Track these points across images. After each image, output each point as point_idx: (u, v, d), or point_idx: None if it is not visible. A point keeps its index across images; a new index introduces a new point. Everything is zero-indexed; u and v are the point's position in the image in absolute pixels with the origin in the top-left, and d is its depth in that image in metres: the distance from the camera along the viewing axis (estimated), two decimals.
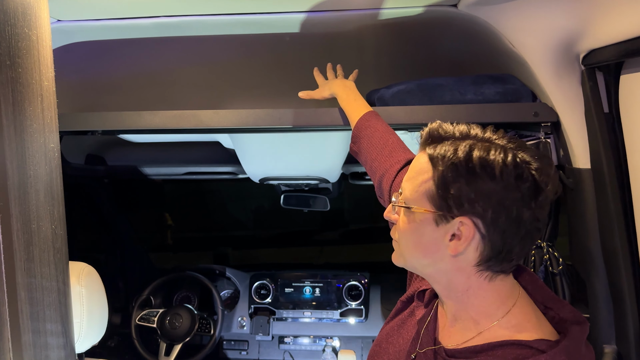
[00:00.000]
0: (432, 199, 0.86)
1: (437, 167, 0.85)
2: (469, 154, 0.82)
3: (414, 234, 0.91)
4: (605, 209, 1.35)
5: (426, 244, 0.89)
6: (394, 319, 1.19)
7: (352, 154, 1.50)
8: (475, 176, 0.81)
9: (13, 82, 0.85)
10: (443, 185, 0.84)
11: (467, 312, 0.92)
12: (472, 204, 0.81)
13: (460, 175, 0.82)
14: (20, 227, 0.84)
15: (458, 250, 0.85)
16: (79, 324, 1.36)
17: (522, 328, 0.87)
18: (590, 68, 1.34)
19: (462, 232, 0.84)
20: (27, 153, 0.89)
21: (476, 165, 0.81)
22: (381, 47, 1.78)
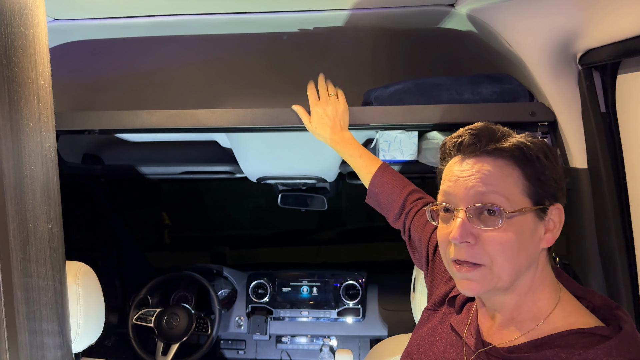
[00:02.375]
0: (530, 196, 0.86)
1: (522, 163, 0.86)
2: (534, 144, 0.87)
3: (518, 241, 0.86)
4: (602, 209, 1.36)
5: (528, 248, 0.87)
6: (421, 328, 1.15)
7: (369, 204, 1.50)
8: (550, 161, 0.86)
9: (9, 82, 0.85)
10: (535, 178, 0.86)
11: (530, 307, 0.91)
12: (556, 189, 0.86)
13: (543, 165, 0.86)
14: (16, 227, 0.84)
15: (553, 240, 0.87)
16: (76, 324, 1.36)
17: (576, 317, 0.87)
18: (587, 68, 1.34)
19: (554, 221, 0.87)
20: (24, 152, 0.88)
21: (545, 152, 0.87)
22: (378, 46, 1.78)
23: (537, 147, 0.87)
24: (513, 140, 0.89)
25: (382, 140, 1.76)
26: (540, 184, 0.86)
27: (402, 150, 1.74)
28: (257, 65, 1.90)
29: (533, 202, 0.86)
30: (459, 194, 0.90)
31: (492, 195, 0.86)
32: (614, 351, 0.79)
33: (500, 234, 0.85)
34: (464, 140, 0.92)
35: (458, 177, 0.91)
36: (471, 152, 0.91)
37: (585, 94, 1.35)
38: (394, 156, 1.75)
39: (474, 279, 0.89)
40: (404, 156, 1.75)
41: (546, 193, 0.86)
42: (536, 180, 0.86)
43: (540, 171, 0.86)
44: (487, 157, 0.89)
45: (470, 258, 0.88)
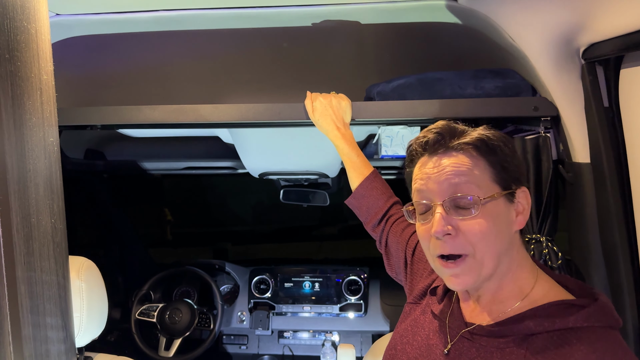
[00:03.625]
0: (498, 182, 0.92)
1: (485, 152, 0.93)
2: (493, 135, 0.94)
3: (495, 226, 0.91)
4: (605, 204, 1.35)
5: (504, 231, 0.92)
6: (404, 321, 1.19)
7: (349, 205, 1.52)
8: (509, 148, 0.93)
9: (12, 76, 0.85)
10: (500, 166, 0.92)
11: (510, 287, 0.95)
12: (518, 173, 0.93)
13: (504, 153, 0.92)
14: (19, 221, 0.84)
15: (524, 222, 0.93)
16: (79, 318, 1.37)
17: (554, 293, 0.92)
18: (590, 62, 1.34)
19: (522, 203, 0.93)
20: (27, 147, 0.89)
21: (504, 141, 0.93)
22: (381, 41, 1.77)
23: (496, 138, 0.94)
24: (474, 134, 0.95)
25: (384, 135, 1.76)
26: (504, 170, 0.92)
27: (404, 145, 1.74)
28: (259, 60, 1.90)
29: (502, 187, 0.92)
30: (432, 189, 0.95)
31: (465, 185, 0.91)
32: (592, 317, 0.85)
33: (478, 221, 0.90)
34: (429, 140, 0.97)
35: (429, 175, 0.96)
36: (437, 149, 0.96)
37: (588, 88, 1.35)
38: (396, 151, 1.75)
39: (461, 273, 0.93)
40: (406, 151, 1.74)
41: (511, 178, 0.92)
42: (500, 167, 0.92)
43: (502, 158, 0.92)
44: (452, 152, 0.95)
45: (453, 250, 0.92)
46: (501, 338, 0.91)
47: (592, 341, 0.82)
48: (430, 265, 1.21)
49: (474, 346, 0.95)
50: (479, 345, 0.94)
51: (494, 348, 0.91)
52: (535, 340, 0.87)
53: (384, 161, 2.21)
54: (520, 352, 0.88)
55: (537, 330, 0.87)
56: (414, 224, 1.34)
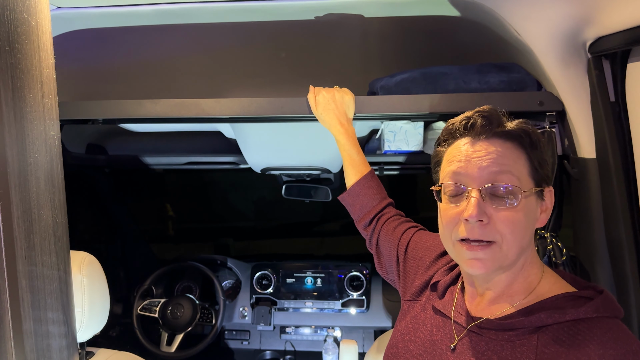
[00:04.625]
0: (534, 178, 0.92)
1: (528, 146, 0.92)
2: (533, 130, 0.93)
3: (526, 220, 0.91)
4: (610, 199, 1.34)
5: (530, 227, 0.93)
6: (404, 319, 1.18)
7: (342, 201, 1.52)
8: (545, 147, 0.93)
9: (12, 68, 0.84)
10: (537, 162, 0.92)
11: (520, 282, 0.96)
12: (550, 173, 0.93)
13: (543, 150, 0.92)
14: (20, 215, 0.83)
15: (547, 220, 0.94)
16: (81, 313, 1.36)
17: (559, 286, 0.94)
18: (596, 56, 1.32)
19: (547, 202, 0.94)
20: (27, 140, 0.88)
21: (541, 139, 0.93)
22: (385, 35, 1.76)
23: (536, 133, 0.94)
24: (518, 125, 0.94)
25: (387, 130, 1.75)
26: (540, 167, 0.92)
27: (408, 140, 1.73)
28: (261, 54, 1.89)
29: (535, 184, 0.92)
30: (472, 173, 0.92)
31: (507, 175, 0.90)
32: (601, 308, 0.86)
33: (513, 214, 0.89)
34: (476, 122, 0.94)
35: (470, 157, 0.93)
36: (482, 133, 0.94)
37: (594, 82, 1.34)
38: (399, 147, 1.74)
39: (484, 257, 0.92)
40: (409, 147, 1.73)
41: (544, 176, 0.93)
42: (538, 163, 0.92)
43: (540, 155, 0.92)
44: (497, 139, 0.93)
45: (482, 236, 0.91)
46: (511, 331, 0.91)
47: (604, 331, 0.84)
48: (426, 262, 1.21)
49: (482, 340, 0.95)
50: (488, 339, 0.94)
51: (504, 341, 0.91)
52: (546, 332, 0.88)
53: (387, 156, 2.20)
54: (532, 344, 0.88)
55: (548, 322, 0.88)
56: (405, 223, 1.35)
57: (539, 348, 0.87)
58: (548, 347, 0.86)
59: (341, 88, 1.54)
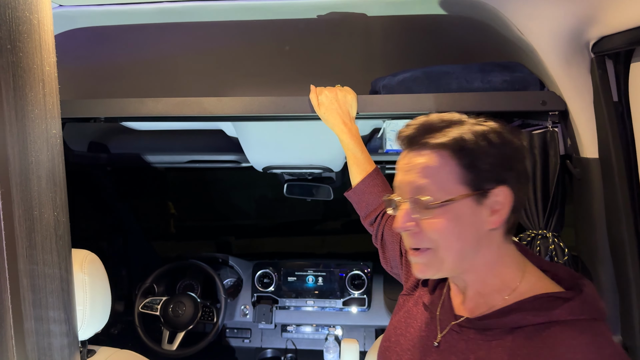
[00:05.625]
0: (467, 183, 0.89)
1: (458, 153, 0.90)
2: (476, 132, 0.90)
3: (456, 226, 0.91)
4: (613, 200, 1.34)
5: (469, 231, 0.91)
6: (398, 312, 1.20)
7: (348, 198, 1.52)
8: (493, 147, 0.88)
9: (14, 67, 0.84)
10: (472, 166, 0.89)
11: (493, 282, 0.95)
12: (499, 172, 0.89)
13: (483, 151, 0.88)
14: (22, 214, 0.83)
15: (500, 221, 0.90)
16: (82, 312, 1.36)
17: (541, 286, 0.92)
18: (600, 56, 1.32)
19: (499, 202, 0.90)
20: (29, 139, 0.88)
21: (487, 138, 0.89)
22: (387, 33, 1.76)
23: (478, 135, 0.89)
24: (453, 133, 0.91)
25: (389, 129, 1.75)
26: (478, 171, 0.89)
27: None
28: (264, 53, 1.88)
29: (471, 188, 0.89)
30: (399, 185, 0.97)
31: (427, 186, 0.91)
32: (577, 310, 0.85)
33: (436, 221, 0.91)
34: (405, 134, 0.96)
35: (400, 169, 0.97)
36: (410, 145, 0.95)
37: (597, 82, 1.33)
38: None
39: (422, 262, 0.95)
40: None
41: (486, 178, 0.89)
42: (473, 168, 0.89)
43: (477, 158, 0.89)
44: (424, 149, 0.93)
45: (416, 244, 0.95)
46: (488, 331, 0.92)
47: (577, 334, 0.83)
48: None
49: (462, 338, 0.96)
50: (467, 337, 0.95)
51: (481, 340, 0.92)
52: (521, 333, 0.88)
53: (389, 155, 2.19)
54: (506, 345, 0.88)
55: (522, 324, 0.88)
56: None
57: (512, 349, 0.87)
58: (521, 349, 0.86)
59: (343, 87, 1.54)
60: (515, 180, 0.90)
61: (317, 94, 1.51)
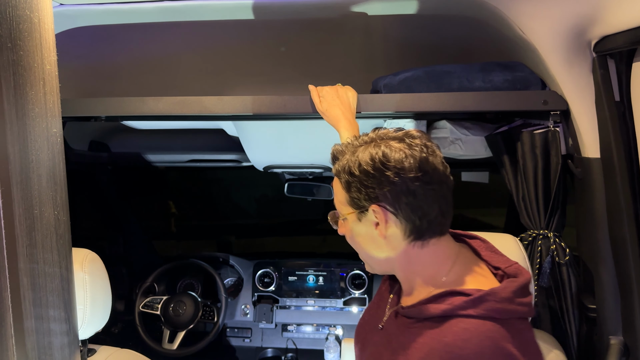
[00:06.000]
0: (350, 203, 1.05)
1: (341, 179, 1.06)
2: (350, 162, 1.03)
3: (354, 237, 1.09)
4: (615, 199, 1.33)
5: (365, 241, 1.06)
6: (376, 295, 1.29)
7: None
8: (364, 173, 0.99)
9: (14, 65, 0.83)
10: (349, 189, 1.03)
11: (417, 279, 1.05)
12: (373, 193, 0.99)
13: (354, 177, 1.01)
14: (22, 213, 0.83)
15: (384, 232, 1.01)
16: (83, 311, 1.36)
17: (462, 281, 1.00)
18: (601, 55, 1.31)
19: (378, 218, 1.00)
20: (29, 137, 0.87)
21: (360, 166, 1.00)
22: (388, 33, 1.75)
23: (351, 165, 1.02)
24: (340, 162, 1.06)
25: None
26: (358, 192, 1.01)
27: None
28: (264, 52, 1.88)
29: (353, 207, 1.04)
30: None
31: (336, 205, 1.11)
32: (457, 309, 0.92)
33: (345, 232, 1.11)
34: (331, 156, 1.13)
35: None
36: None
37: (599, 82, 1.33)
38: None
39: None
40: None
41: (364, 198, 1.01)
42: (351, 191, 1.03)
43: (353, 184, 1.02)
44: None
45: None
46: (411, 319, 1.02)
47: (440, 331, 0.93)
48: None
49: (396, 324, 1.06)
50: (399, 323, 1.05)
51: (404, 327, 1.02)
52: (427, 323, 0.97)
53: None
54: (415, 332, 0.98)
55: (427, 315, 0.97)
56: None
57: (416, 336, 0.97)
58: (422, 337, 0.96)
59: (344, 85, 1.54)
60: (390, 197, 0.98)
61: (319, 91, 1.52)
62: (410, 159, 0.97)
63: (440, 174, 0.99)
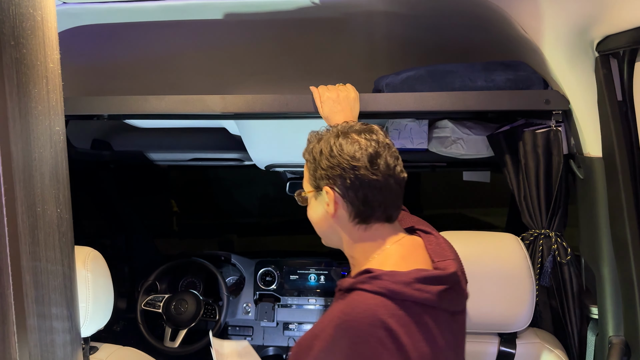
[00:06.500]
0: (310, 183, 1.17)
1: (306, 161, 1.18)
2: (317, 147, 1.15)
3: (312, 214, 1.21)
4: (617, 199, 1.33)
5: (320, 217, 1.18)
6: None
7: None
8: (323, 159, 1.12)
9: (17, 63, 0.84)
10: (310, 170, 1.16)
11: (356, 257, 1.17)
12: (327, 177, 1.11)
13: (315, 161, 1.14)
14: (25, 210, 0.83)
15: (332, 211, 1.12)
16: (85, 308, 1.37)
17: (383, 264, 1.09)
18: (604, 55, 1.31)
19: (329, 199, 1.11)
20: (32, 135, 0.87)
21: (321, 152, 1.12)
22: (390, 32, 1.75)
23: (317, 148, 1.15)
24: (309, 146, 1.19)
25: (391, 128, 1.75)
26: (315, 174, 1.14)
27: (412, 138, 1.72)
28: (267, 50, 1.88)
29: (313, 187, 1.16)
30: None
31: (303, 183, 1.23)
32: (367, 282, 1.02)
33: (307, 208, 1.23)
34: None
35: None
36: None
37: (601, 81, 1.33)
38: (404, 144, 1.74)
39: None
40: (413, 144, 1.73)
41: (320, 180, 1.13)
42: (311, 172, 1.16)
43: (313, 166, 1.15)
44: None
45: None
46: (337, 292, 1.12)
47: (347, 299, 1.04)
48: None
49: (340, 296, 1.12)
50: (340, 295, 1.12)
51: (340, 298, 1.10)
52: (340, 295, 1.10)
53: None
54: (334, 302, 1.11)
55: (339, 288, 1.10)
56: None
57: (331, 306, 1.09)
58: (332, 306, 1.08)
59: (345, 85, 1.53)
60: (340, 182, 1.09)
61: (320, 94, 1.51)
62: (363, 152, 1.08)
63: (390, 168, 1.10)
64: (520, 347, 1.42)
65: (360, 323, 0.98)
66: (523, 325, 1.40)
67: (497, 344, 1.43)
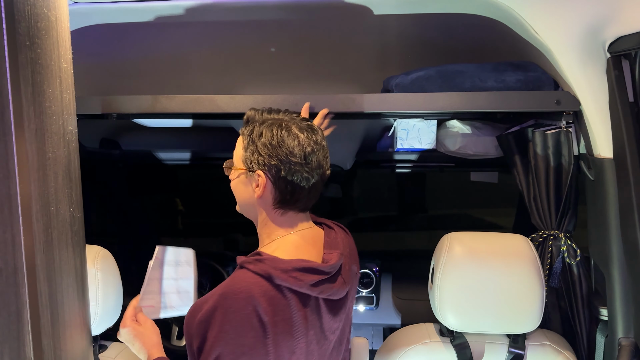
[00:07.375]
0: (244, 161, 1.22)
1: (244, 140, 1.22)
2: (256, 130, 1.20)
3: (236, 189, 1.29)
4: (627, 200, 1.33)
5: (244, 194, 1.26)
6: None
7: None
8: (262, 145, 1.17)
9: (32, 63, 0.84)
10: (247, 150, 1.20)
11: (262, 236, 1.27)
12: (262, 162, 1.17)
13: (254, 144, 1.19)
14: (39, 209, 0.84)
15: (259, 193, 1.20)
16: (95, 307, 1.37)
17: (276, 248, 1.20)
18: (616, 56, 1.31)
19: (259, 181, 1.19)
20: (47, 135, 0.88)
21: (262, 137, 1.18)
22: (401, 32, 1.75)
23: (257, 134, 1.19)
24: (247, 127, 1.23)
25: (400, 128, 1.74)
26: (250, 156, 1.20)
27: (421, 138, 1.72)
28: (277, 50, 1.88)
29: (245, 166, 1.22)
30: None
31: (233, 157, 1.28)
32: (251, 262, 1.14)
33: (232, 182, 1.30)
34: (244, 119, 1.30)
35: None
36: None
37: (613, 82, 1.32)
38: (412, 145, 1.73)
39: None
40: (422, 145, 1.73)
41: (255, 162, 1.19)
42: (247, 152, 1.20)
43: (251, 147, 1.19)
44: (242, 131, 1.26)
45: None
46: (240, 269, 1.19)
47: (234, 274, 1.15)
48: None
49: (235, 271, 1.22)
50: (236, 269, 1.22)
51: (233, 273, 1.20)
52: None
53: (399, 154, 2.19)
54: None
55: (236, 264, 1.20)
56: None
57: None
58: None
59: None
60: (274, 171, 1.17)
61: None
62: (301, 148, 1.16)
63: (320, 168, 1.21)
64: (530, 349, 1.42)
65: (236, 296, 1.08)
66: (532, 327, 1.39)
67: (506, 344, 1.43)
